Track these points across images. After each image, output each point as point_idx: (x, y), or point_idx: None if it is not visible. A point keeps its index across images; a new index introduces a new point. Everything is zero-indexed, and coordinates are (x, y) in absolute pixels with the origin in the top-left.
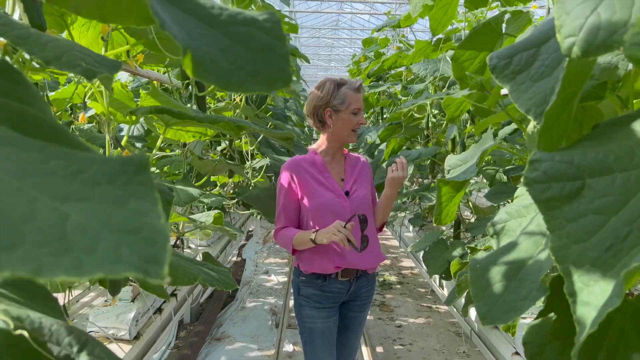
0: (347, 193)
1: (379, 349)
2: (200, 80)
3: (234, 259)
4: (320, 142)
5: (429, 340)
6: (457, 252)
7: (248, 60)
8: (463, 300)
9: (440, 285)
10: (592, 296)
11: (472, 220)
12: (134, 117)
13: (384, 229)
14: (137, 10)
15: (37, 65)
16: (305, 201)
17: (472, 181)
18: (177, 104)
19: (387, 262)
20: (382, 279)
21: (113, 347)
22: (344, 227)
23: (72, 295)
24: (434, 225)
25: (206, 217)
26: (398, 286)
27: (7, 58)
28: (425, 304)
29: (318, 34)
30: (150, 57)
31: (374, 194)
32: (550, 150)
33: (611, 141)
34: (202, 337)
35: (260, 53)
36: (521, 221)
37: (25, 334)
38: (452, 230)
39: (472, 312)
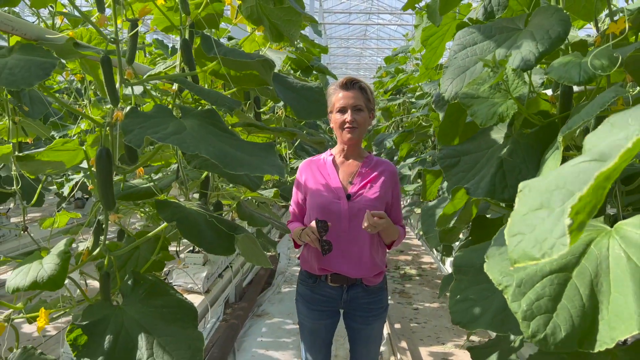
0: (348, 196)
1: (397, 326)
2: (292, 116)
3: (269, 253)
4: (337, 144)
5: (441, 320)
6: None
7: (307, 105)
8: None
9: (442, 261)
10: (457, 202)
11: None
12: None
13: (407, 229)
14: (264, 82)
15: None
16: (307, 200)
17: None
18: (251, 119)
19: (409, 257)
20: (403, 272)
21: (191, 297)
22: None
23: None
24: (421, 200)
25: (269, 193)
26: (417, 278)
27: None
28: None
29: (347, 44)
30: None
31: (391, 202)
32: (446, 144)
33: (475, 139)
34: (246, 312)
35: (312, 102)
36: None
37: (214, 220)
38: None
39: None
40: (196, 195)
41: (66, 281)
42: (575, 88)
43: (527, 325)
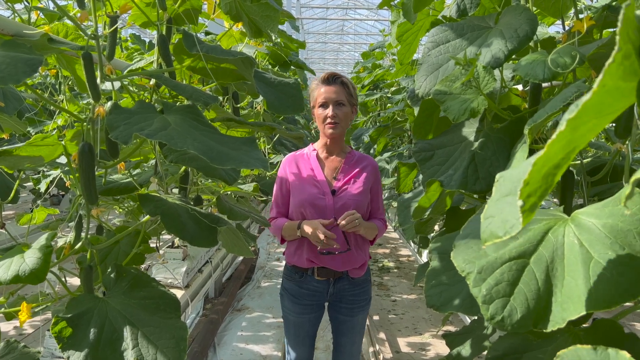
0: (333, 191)
1: (376, 317)
2: (269, 110)
3: (250, 247)
4: (319, 139)
5: (418, 311)
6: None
7: (285, 100)
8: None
9: (419, 253)
10: (432, 194)
11: None
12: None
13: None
14: (242, 77)
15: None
16: (292, 195)
17: None
18: (230, 114)
19: (387, 250)
20: (381, 264)
21: (171, 292)
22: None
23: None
24: (396, 192)
25: (248, 187)
26: (395, 270)
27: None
28: (418, 284)
29: (324, 39)
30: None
31: (373, 196)
32: (421, 138)
33: (449, 134)
34: (226, 307)
35: (290, 97)
36: None
37: (196, 213)
38: None
39: None
40: (176, 191)
41: (47, 276)
42: (546, 83)
43: (487, 308)
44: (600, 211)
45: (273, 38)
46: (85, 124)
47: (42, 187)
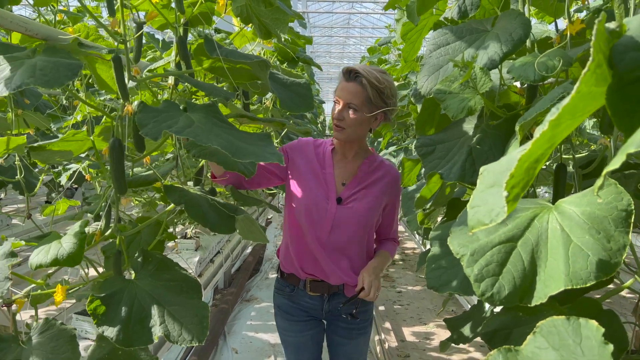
0: (339, 199)
1: (381, 308)
2: (283, 109)
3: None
4: None
5: (423, 302)
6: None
7: (297, 99)
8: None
9: (424, 245)
10: (432, 185)
11: None
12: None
13: None
14: (255, 77)
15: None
16: (293, 187)
17: None
18: (243, 111)
19: None
20: None
21: None
22: None
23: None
24: (401, 186)
25: None
26: (401, 262)
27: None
28: (423, 276)
29: (330, 32)
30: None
31: (388, 212)
32: (423, 134)
33: (449, 130)
34: (235, 297)
35: (301, 96)
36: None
37: (216, 202)
38: None
39: None
40: (190, 183)
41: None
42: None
43: (478, 286)
44: (580, 200)
45: (282, 38)
46: (114, 120)
47: (63, 180)
